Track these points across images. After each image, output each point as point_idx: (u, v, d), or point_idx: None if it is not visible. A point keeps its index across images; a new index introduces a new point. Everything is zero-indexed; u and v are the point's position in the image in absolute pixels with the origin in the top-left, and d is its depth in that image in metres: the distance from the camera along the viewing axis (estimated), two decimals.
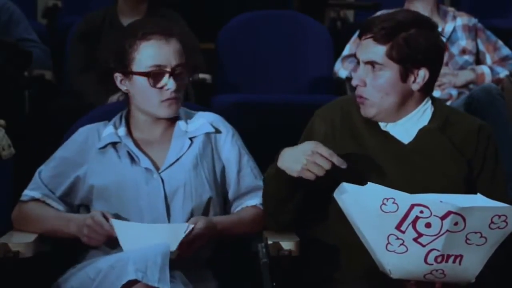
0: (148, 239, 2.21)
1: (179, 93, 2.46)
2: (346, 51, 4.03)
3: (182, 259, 2.31)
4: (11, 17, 3.98)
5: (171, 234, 2.26)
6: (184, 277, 2.28)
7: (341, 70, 3.99)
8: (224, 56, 4.20)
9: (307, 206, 2.41)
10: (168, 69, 2.42)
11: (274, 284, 2.32)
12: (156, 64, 2.42)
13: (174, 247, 2.25)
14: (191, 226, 2.30)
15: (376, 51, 2.35)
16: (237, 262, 2.58)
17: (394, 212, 2.02)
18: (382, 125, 2.44)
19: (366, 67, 2.37)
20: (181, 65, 2.44)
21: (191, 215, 2.43)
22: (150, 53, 2.42)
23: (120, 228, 2.28)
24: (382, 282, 2.20)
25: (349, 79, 3.89)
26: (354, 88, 2.48)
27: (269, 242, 2.39)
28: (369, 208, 2.05)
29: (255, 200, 2.53)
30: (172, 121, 2.53)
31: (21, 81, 3.68)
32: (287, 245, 2.39)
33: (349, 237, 2.22)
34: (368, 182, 2.16)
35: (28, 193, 2.49)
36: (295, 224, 2.45)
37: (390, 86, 2.38)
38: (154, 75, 2.42)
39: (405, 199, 2.02)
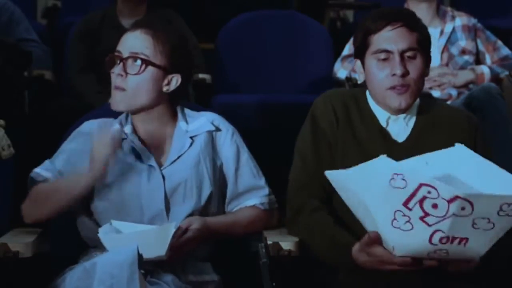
0: (138, 246, 2.19)
1: (127, 83, 2.42)
2: (345, 51, 4.03)
3: (176, 259, 2.32)
4: (12, 17, 3.98)
5: (159, 236, 2.25)
6: (177, 281, 2.28)
7: (341, 70, 3.99)
8: (224, 56, 4.20)
9: None
10: (120, 54, 2.43)
11: (274, 284, 2.32)
12: (117, 50, 2.45)
13: (164, 249, 2.24)
14: (177, 224, 2.30)
15: (411, 37, 2.37)
16: (237, 262, 2.58)
17: (402, 188, 2.01)
18: (382, 120, 2.43)
19: (402, 56, 2.37)
20: (136, 53, 2.42)
21: (191, 211, 2.43)
22: (119, 42, 2.47)
23: (108, 241, 2.27)
24: (383, 282, 2.20)
25: (348, 79, 3.89)
26: (354, 88, 2.48)
27: (269, 242, 2.39)
28: (377, 181, 2.03)
29: (253, 200, 2.52)
30: (170, 120, 2.52)
31: (21, 81, 3.68)
32: (287, 245, 2.39)
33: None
34: (380, 155, 2.12)
35: (40, 172, 2.47)
36: None
37: (422, 74, 2.41)
38: (109, 59, 2.44)
39: (414, 177, 2.01)
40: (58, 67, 4.15)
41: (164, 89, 2.46)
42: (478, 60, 3.94)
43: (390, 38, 2.37)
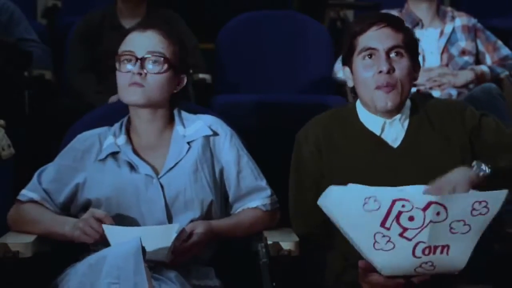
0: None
1: (146, 81, 2.44)
2: None
3: (181, 263, 2.33)
4: (11, 17, 3.98)
5: (162, 236, 2.26)
6: (180, 277, 2.28)
7: (341, 71, 3.96)
8: (224, 56, 4.20)
9: None
10: (137, 55, 2.44)
11: (274, 284, 2.32)
12: (127, 49, 2.46)
13: (166, 249, 2.25)
14: (181, 226, 2.30)
15: (397, 37, 2.39)
16: (237, 262, 2.58)
17: (376, 210, 2.06)
18: (377, 127, 2.43)
19: (388, 55, 2.38)
20: (156, 53, 2.44)
21: (192, 219, 2.43)
22: (126, 41, 2.48)
23: (112, 234, 2.28)
24: None
25: None
26: (354, 89, 2.48)
27: (269, 242, 2.39)
28: (352, 209, 2.08)
29: (255, 202, 2.52)
30: (168, 124, 2.53)
31: (21, 81, 3.68)
32: (287, 245, 2.39)
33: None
34: (349, 184, 2.19)
35: (26, 193, 2.49)
36: None
37: (409, 74, 2.41)
38: (123, 59, 2.45)
39: (386, 195, 2.06)
40: (58, 67, 4.15)
41: (175, 89, 2.50)
42: (478, 61, 3.94)
43: (375, 37, 2.39)
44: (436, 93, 3.72)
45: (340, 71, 3.97)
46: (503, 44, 3.97)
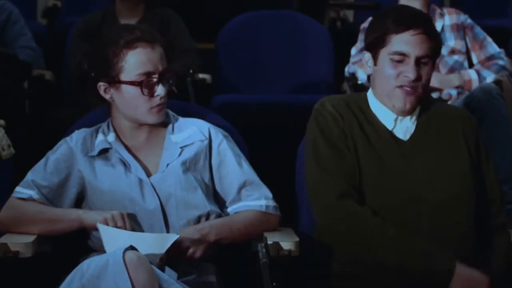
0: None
1: (166, 98, 2.45)
2: (354, 53, 3.95)
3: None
4: (9, 17, 4.01)
5: (156, 244, 2.25)
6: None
7: (360, 71, 3.86)
8: (224, 56, 4.20)
9: None
10: (157, 76, 2.41)
11: (274, 284, 2.32)
12: (145, 71, 2.40)
13: (158, 257, 2.24)
14: (177, 236, 2.29)
15: (429, 45, 2.37)
16: (237, 262, 2.58)
17: None
18: (389, 121, 2.43)
19: (417, 62, 2.37)
20: (166, 69, 2.43)
21: (187, 221, 2.43)
22: (138, 61, 2.40)
23: (106, 234, 2.28)
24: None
25: (349, 79, 3.87)
26: (355, 88, 2.48)
27: (269, 242, 2.39)
28: None
29: (251, 202, 2.50)
30: (158, 125, 2.51)
31: (20, 93, 3.70)
32: (287, 245, 2.39)
33: None
34: None
35: (24, 191, 2.46)
36: None
37: (429, 79, 2.43)
38: (145, 84, 2.40)
39: None
40: (58, 67, 4.15)
41: None
42: (469, 58, 3.90)
43: (409, 43, 2.36)
44: (435, 94, 3.71)
45: (359, 72, 3.89)
46: (491, 42, 3.90)
